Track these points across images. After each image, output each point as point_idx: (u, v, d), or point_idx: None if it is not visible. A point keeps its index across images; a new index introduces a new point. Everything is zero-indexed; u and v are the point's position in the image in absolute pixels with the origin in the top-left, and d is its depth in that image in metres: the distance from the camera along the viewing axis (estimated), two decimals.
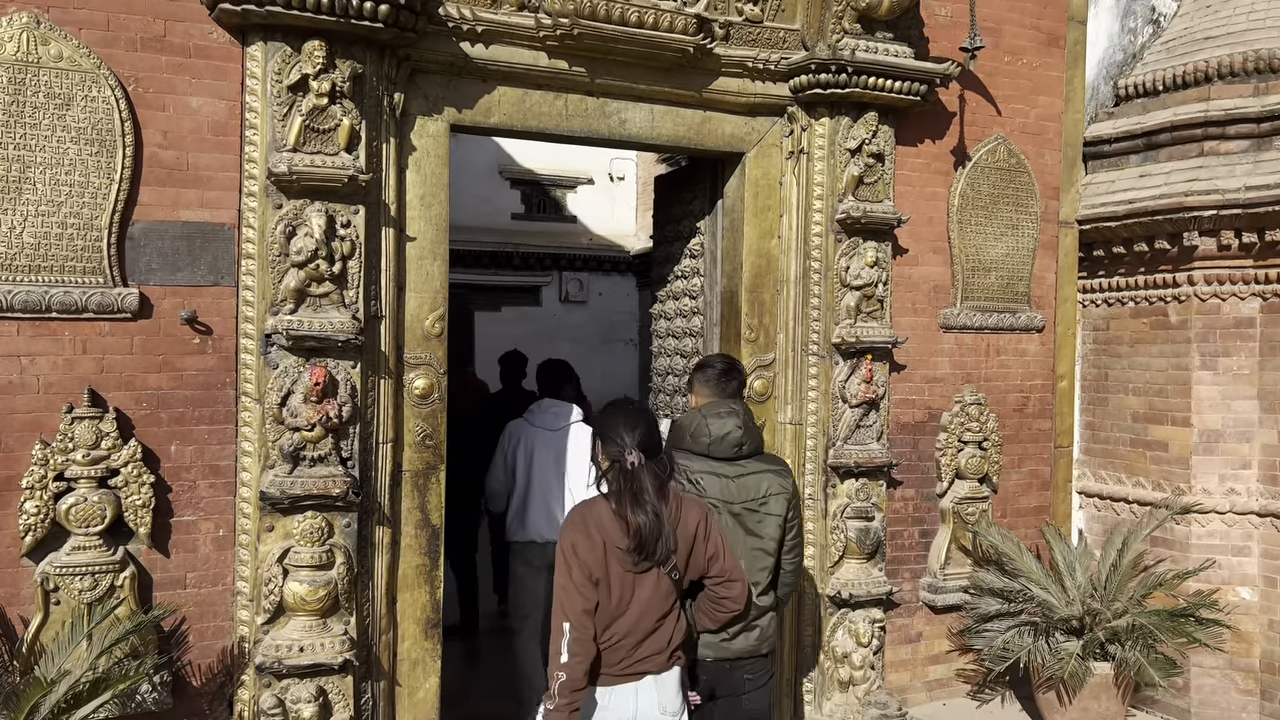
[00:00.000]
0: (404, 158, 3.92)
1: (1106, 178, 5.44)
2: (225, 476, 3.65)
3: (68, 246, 3.39)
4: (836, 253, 4.61)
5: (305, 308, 3.62)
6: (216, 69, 3.60)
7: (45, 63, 3.33)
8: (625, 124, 4.37)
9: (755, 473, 3.27)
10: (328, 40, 3.56)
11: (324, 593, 3.63)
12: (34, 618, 3.34)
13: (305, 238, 3.59)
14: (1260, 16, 5.32)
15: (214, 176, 3.61)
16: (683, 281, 5.16)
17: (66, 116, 3.36)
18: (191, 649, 3.61)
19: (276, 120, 3.58)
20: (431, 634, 4.06)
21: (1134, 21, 5.70)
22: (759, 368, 4.68)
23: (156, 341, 3.55)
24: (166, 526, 3.56)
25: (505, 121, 4.17)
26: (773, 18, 4.50)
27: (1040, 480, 5.31)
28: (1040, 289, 5.25)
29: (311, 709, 3.61)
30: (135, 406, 3.51)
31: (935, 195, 4.92)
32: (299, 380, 3.59)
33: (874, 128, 4.59)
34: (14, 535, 3.33)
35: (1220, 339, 5.02)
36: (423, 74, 3.94)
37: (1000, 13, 5.03)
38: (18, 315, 3.33)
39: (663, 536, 2.74)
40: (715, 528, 2.95)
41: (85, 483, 3.39)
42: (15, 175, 3.31)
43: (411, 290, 3.97)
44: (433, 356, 4.03)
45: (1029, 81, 5.15)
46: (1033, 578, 4.64)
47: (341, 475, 3.65)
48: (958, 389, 5.02)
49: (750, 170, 4.64)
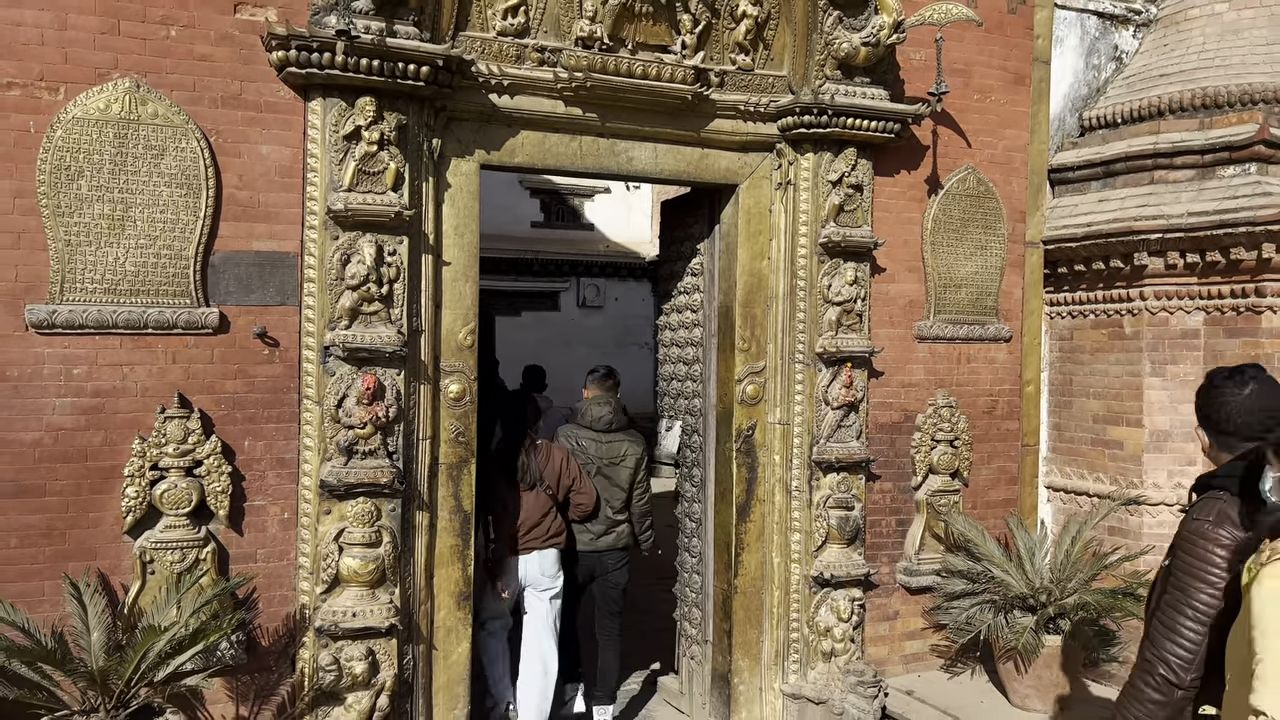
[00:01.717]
0: (441, 194, 4.54)
1: (1070, 202, 6.01)
2: (290, 467, 4.29)
3: (161, 273, 4.04)
4: (820, 272, 5.20)
5: (358, 324, 4.25)
6: (283, 121, 4.24)
7: (144, 120, 3.97)
8: (632, 161, 4.98)
9: (618, 441, 5.56)
10: (377, 96, 4.19)
11: (373, 567, 4.26)
12: (133, 585, 3.98)
13: (358, 264, 4.22)
14: (1209, 56, 5.87)
15: (281, 212, 4.25)
16: (685, 296, 5.77)
17: (161, 165, 4.01)
18: (261, 614, 4.25)
19: (334, 164, 4.21)
20: (463, 605, 4.68)
21: (1097, 59, 6.26)
22: (751, 374, 5.29)
23: (233, 353, 4.19)
24: (241, 510, 4.20)
25: (528, 161, 4.79)
26: (762, 66, 5.10)
27: (1008, 475, 5.89)
28: (1008, 303, 5.82)
29: (362, 666, 4.25)
30: (215, 408, 4.15)
31: (910, 220, 5.50)
32: (352, 385, 4.22)
33: (853, 162, 5.17)
34: (117, 515, 3.98)
35: (1168, 349, 5.57)
36: (457, 122, 4.56)
37: (970, 55, 5.61)
38: (121, 331, 3.98)
39: (531, 470, 5.20)
40: (573, 463, 5.34)
41: (175, 472, 4.04)
42: (119, 214, 3.95)
43: (447, 308, 4.59)
44: (465, 364, 4.65)
45: (997, 116, 5.72)
46: (994, 561, 5.22)
47: (388, 467, 4.28)
48: (931, 393, 5.60)
49: (743, 199, 5.24)
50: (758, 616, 5.34)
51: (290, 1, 4.19)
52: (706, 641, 5.54)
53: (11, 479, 3.84)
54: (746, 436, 5.30)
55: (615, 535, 5.52)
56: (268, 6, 4.17)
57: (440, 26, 4.38)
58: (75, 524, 3.94)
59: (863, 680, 5.08)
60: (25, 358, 3.85)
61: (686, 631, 5.78)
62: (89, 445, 3.95)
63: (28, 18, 3.83)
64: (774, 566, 5.30)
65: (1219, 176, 5.44)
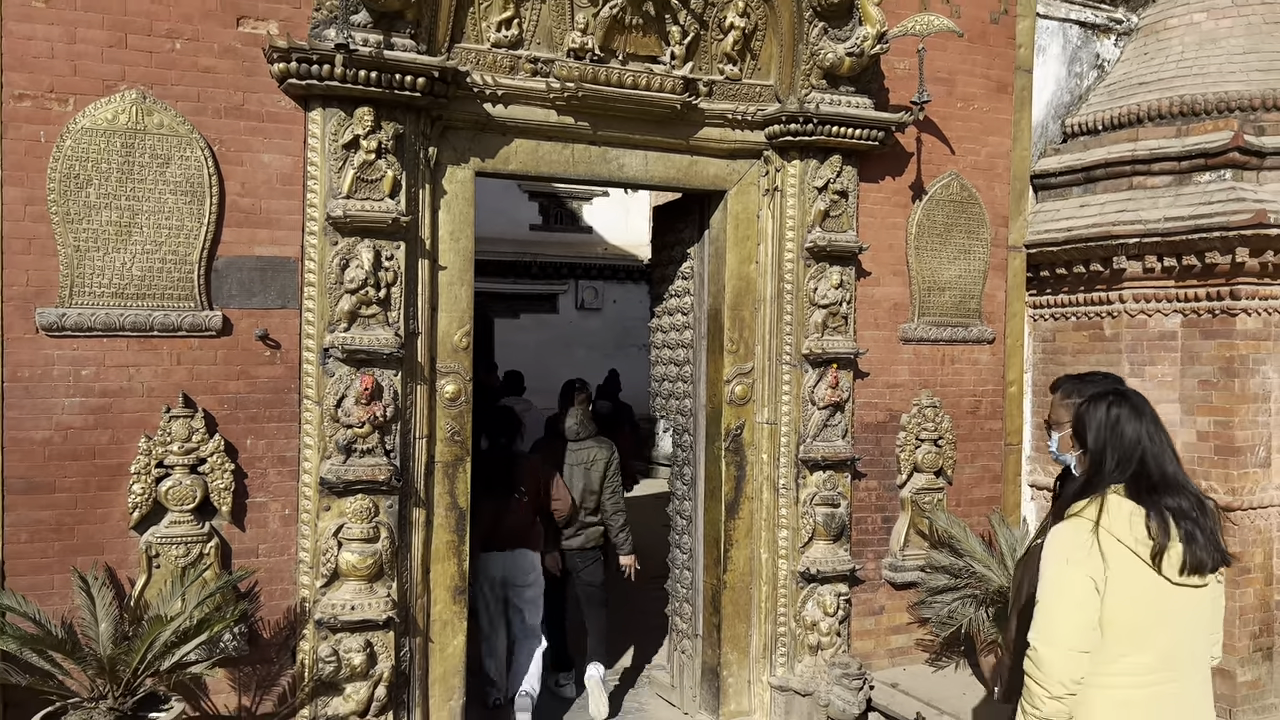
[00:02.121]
0: (437, 200, 4.69)
1: (1053, 206, 6.16)
2: (290, 465, 4.44)
3: (166, 278, 4.19)
4: (806, 276, 5.35)
5: (356, 326, 4.39)
6: (284, 130, 4.38)
7: (150, 130, 4.12)
8: (623, 168, 5.13)
9: (586, 447, 6.00)
10: (375, 106, 4.34)
11: (371, 561, 4.40)
12: (139, 578, 4.12)
13: (356, 269, 4.37)
14: (1188, 65, 6.02)
15: (282, 218, 4.40)
16: (676, 299, 5.91)
17: (166, 173, 4.16)
18: (263, 607, 4.39)
19: (333, 172, 4.36)
20: (459, 599, 4.82)
21: (1080, 67, 6.41)
22: (739, 375, 5.43)
23: (235, 354, 4.33)
24: (243, 506, 4.35)
25: (521, 168, 4.94)
26: (750, 76, 5.25)
27: (992, 474, 6.03)
28: (991, 306, 5.97)
29: (360, 658, 4.39)
30: (219, 407, 4.30)
31: (895, 225, 5.64)
32: (351, 386, 4.37)
33: (838, 168, 5.32)
34: (124, 511, 4.13)
35: (1147, 350, 5.72)
36: (452, 130, 4.71)
37: (954, 64, 5.76)
38: (128, 333, 4.12)
39: (513, 479, 5.63)
40: (552, 474, 5.74)
41: (180, 469, 4.18)
42: (126, 221, 4.10)
43: (443, 311, 4.74)
44: (460, 366, 4.80)
45: (980, 124, 5.87)
46: (976, 557, 5.36)
47: (386, 465, 4.43)
48: (915, 393, 5.75)
49: (732, 205, 5.39)
50: (746, 611, 5.48)
51: (291, 15, 4.34)
52: (697, 635, 5.68)
53: (22, 476, 3.99)
54: (735, 436, 5.44)
55: (584, 537, 5.95)
56: (269, 20, 4.32)
57: (436, 38, 4.53)
58: (83, 519, 4.08)
59: (848, 673, 5.22)
60: (36, 359, 4.00)
61: (677, 626, 5.92)
62: (97, 444, 4.10)
63: (39, 31, 3.98)
64: (762, 562, 5.45)
65: (1195, 182, 5.59)
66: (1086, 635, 2.58)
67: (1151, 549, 2.56)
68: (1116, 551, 2.58)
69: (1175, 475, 2.66)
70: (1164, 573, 2.57)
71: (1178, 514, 2.59)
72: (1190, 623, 2.65)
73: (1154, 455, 2.65)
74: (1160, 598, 2.58)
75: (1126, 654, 2.60)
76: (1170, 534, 2.57)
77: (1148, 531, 2.57)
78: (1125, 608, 2.57)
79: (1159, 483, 2.63)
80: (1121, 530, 2.59)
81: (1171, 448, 2.72)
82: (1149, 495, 2.62)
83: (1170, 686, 2.62)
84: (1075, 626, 2.57)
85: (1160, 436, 2.69)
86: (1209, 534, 2.60)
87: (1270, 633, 5.52)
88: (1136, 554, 2.57)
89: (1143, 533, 2.58)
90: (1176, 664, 2.63)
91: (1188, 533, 2.57)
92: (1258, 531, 5.47)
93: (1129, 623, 2.58)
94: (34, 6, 3.97)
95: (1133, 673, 2.60)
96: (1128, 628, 2.58)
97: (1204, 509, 2.65)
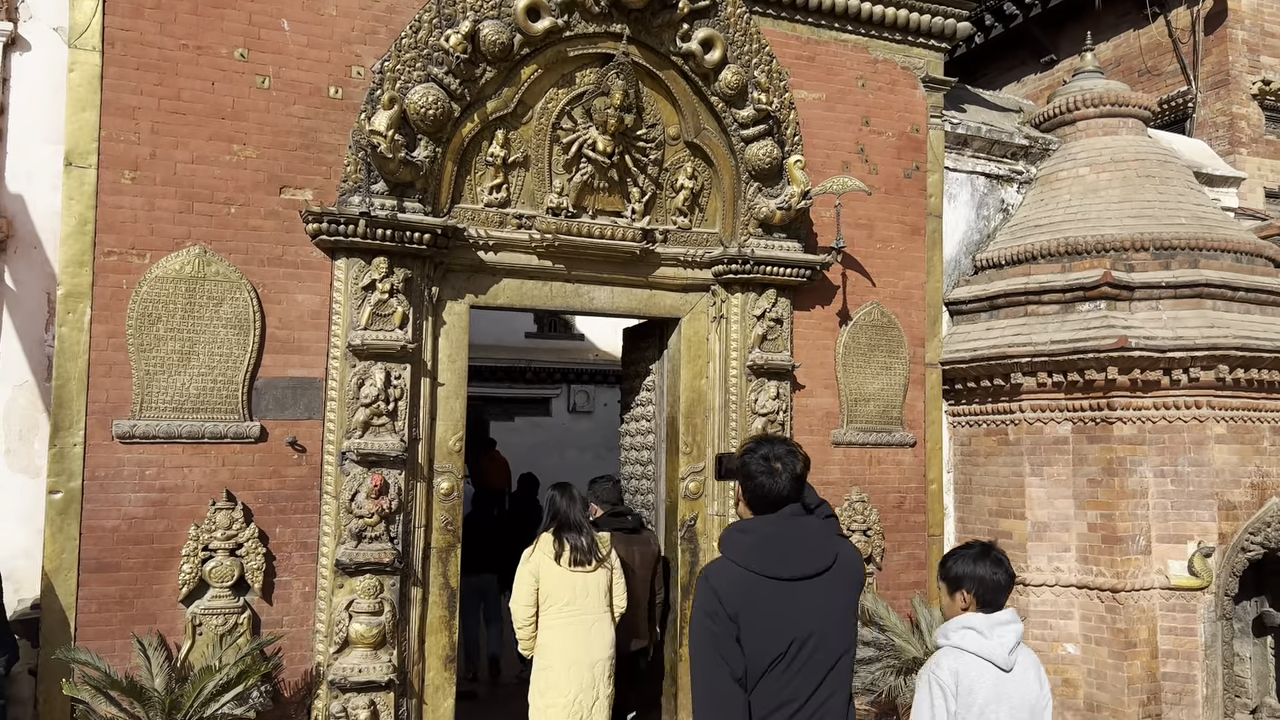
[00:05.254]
0: (438, 329, 5.71)
1: (965, 329, 7.18)
2: (311, 549, 5.34)
3: (216, 395, 5.17)
4: (748, 389, 6.33)
5: (369, 434, 5.36)
6: (315, 275, 5.43)
7: (209, 277, 5.16)
8: (593, 301, 6.17)
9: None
10: (389, 256, 5.39)
11: (376, 631, 5.26)
12: (184, 643, 4.99)
13: (370, 387, 5.35)
14: (1074, 211, 7.13)
15: (310, 346, 5.41)
16: (641, 408, 6.89)
17: (220, 311, 5.18)
18: (285, 670, 5.23)
19: (353, 309, 5.39)
20: (449, 666, 5.66)
21: (987, 210, 7.53)
22: (693, 473, 6.37)
23: (269, 457, 5.28)
24: (272, 584, 5.24)
25: (508, 302, 5.99)
26: (698, 225, 6.34)
27: (917, 561, 6.90)
28: (912, 414, 6.94)
29: (365, 714, 5.21)
30: (254, 501, 5.23)
31: (825, 346, 6.66)
32: (363, 483, 5.31)
33: (774, 300, 6.36)
34: (174, 587, 5.02)
35: (1044, 453, 6.66)
36: (452, 272, 5.76)
37: (873, 212, 6.86)
38: (184, 440, 5.08)
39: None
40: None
41: (221, 552, 5.09)
42: (187, 350, 5.11)
43: (440, 420, 5.71)
44: (454, 466, 5.73)
45: (897, 260, 6.94)
46: (897, 632, 6.20)
47: (390, 549, 5.33)
48: (847, 490, 6.67)
49: (685, 330, 6.41)
50: None
51: (323, 184, 5.43)
52: (657, 704, 6.47)
53: (95, 557, 4.89)
54: (689, 526, 6.35)
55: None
56: (305, 189, 5.41)
57: (440, 201, 5.62)
58: (141, 593, 4.97)
59: None
60: (110, 461, 4.95)
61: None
62: (155, 531, 5.02)
63: (125, 202, 5.05)
64: None
65: (1078, 311, 6.62)
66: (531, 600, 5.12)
67: (554, 554, 5.09)
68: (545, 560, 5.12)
69: (578, 520, 5.20)
70: (562, 565, 5.07)
71: (572, 540, 5.15)
72: (583, 589, 5.11)
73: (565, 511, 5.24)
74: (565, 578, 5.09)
75: (550, 607, 5.05)
76: (565, 546, 5.09)
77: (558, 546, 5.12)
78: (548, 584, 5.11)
79: (563, 524, 5.17)
80: (546, 548, 5.11)
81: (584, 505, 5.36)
82: (561, 531, 5.14)
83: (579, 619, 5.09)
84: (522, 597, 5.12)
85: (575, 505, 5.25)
86: (587, 547, 5.14)
87: (1158, 701, 6.31)
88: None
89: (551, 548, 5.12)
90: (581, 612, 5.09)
91: (573, 545, 5.09)
92: (1141, 610, 6.32)
93: (547, 592, 5.07)
94: (123, 183, 5.05)
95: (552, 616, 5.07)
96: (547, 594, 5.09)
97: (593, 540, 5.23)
